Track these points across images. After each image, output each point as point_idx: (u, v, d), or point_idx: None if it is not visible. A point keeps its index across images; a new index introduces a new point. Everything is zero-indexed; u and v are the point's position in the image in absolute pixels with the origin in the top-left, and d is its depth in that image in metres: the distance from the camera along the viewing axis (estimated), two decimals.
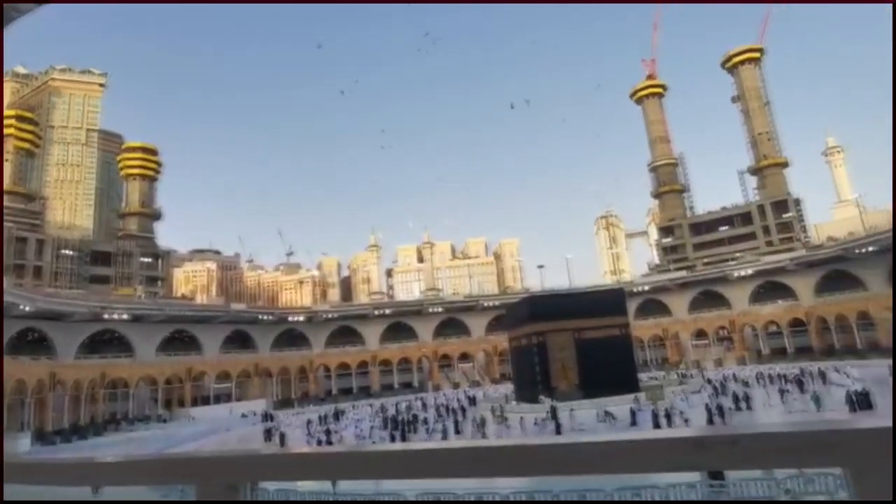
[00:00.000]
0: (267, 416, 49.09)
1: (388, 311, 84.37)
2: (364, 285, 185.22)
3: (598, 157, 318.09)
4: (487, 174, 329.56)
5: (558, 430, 28.45)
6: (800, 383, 37.81)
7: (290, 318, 79.13)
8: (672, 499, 13.03)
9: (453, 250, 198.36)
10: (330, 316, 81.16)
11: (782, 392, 34.04)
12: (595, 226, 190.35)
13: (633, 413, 29.87)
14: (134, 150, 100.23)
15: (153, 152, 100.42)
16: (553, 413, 31.79)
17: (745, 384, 41.14)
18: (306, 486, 15.78)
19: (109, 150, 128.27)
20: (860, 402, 26.50)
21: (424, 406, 48.45)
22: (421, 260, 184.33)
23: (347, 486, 15.13)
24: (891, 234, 60.60)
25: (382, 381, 73.34)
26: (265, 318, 75.69)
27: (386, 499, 14.44)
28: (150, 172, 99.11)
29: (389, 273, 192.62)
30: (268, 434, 37.95)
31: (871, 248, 62.18)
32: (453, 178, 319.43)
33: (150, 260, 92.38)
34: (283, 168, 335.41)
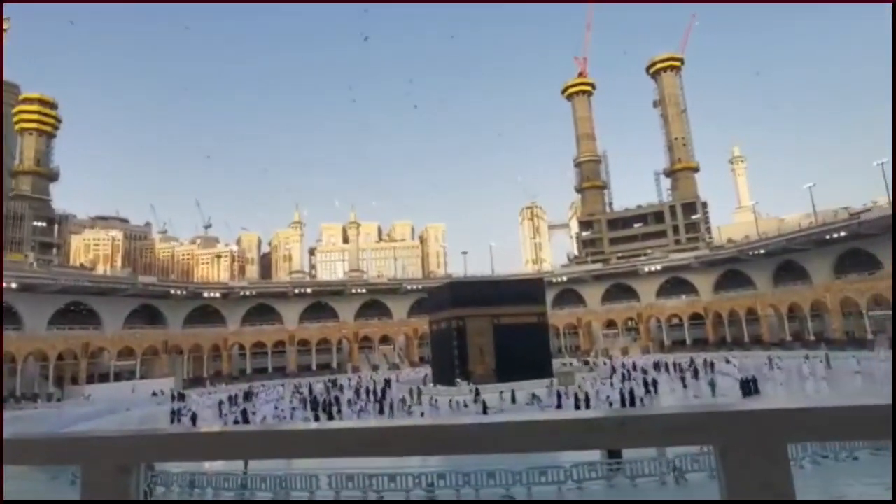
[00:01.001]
0: (177, 396, 46.68)
1: (309, 291, 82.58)
2: (285, 263, 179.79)
3: (527, 150, 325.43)
4: (417, 158, 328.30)
5: (485, 411, 29.34)
6: (695, 371, 41.17)
7: (205, 294, 75.46)
8: (575, 477, 13.86)
9: (380, 232, 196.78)
10: (248, 293, 78.23)
11: (683, 379, 37.04)
12: (520, 216, 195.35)
13: (559, 396, 31.80)
14: (31, 101, 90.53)
15: (52, 105, 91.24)
16: (478, 394, 32.92)
17: (644, 371, 44.12)
18: (215, 468, 15.28)
19: (5, 101, 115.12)
20: (752, 387, 30.31)
21: (341, 387, 48.07)
22: (346, 240, 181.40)
23: (258, 467, 14.81)
24: (777, 239, 66.90)
25: (300, 362, 71.85)
26: (178, 292, 71.69)
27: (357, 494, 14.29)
28: (48, 128, 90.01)
29: (312, 252, 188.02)
30: (175, 415, 35.87)
31: (761, 252, 68.36)
32: (383, 159, 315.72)
33: (44, 224, 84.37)
34: (206, 137, 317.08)
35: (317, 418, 31.06)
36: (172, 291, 71.25)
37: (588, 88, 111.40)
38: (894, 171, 44.33)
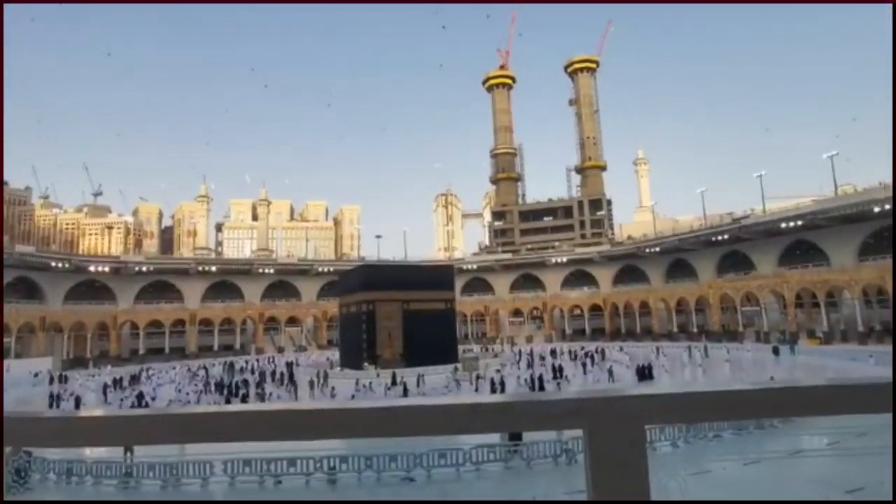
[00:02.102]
0: (57, 378, 42.36)
1: (213, 269, 78.35)
2: (188, 238, 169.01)
3: (446, 138, 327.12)
4: (335, 139, 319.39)
5: (405, 394, 29.54)
6: (592, 358, 43.85)
7: (91, 268, 69.21)
8: (474, 459, 14.32)
9: (292, 211, 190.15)
10: (144, 269, 72.75)
11: (584, 365, 39.47)
12: (435, 203, 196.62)
13: (478, 378, 33.22)
14: None
15: None
16: (395, 378, 33.27)
17: (543, 357, 46.34)
18: (96, 455, 14.20)
19: None
20: (647, 373, 33.31)
21: (241, 370, 46.17)
22: (255, 218, 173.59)
23: (145, 453, 13.94)
24: (671, 239, 72.56)
25: (201, 343, 68.18)
26: (59, 265, 65.20)
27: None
28: None
29: (220, 228, 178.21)
30: (54, 400, 32.31)
31: (656, 249, 73.85)
32: (296, 140, 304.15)
33: None
34: (103, 95, 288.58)
35: (228, 402, 29.45)
36: (53, 264, 64.70)
37: (508, 81, 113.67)
38: (894, 168, 48.89)
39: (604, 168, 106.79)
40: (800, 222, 56.37)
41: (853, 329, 48.46)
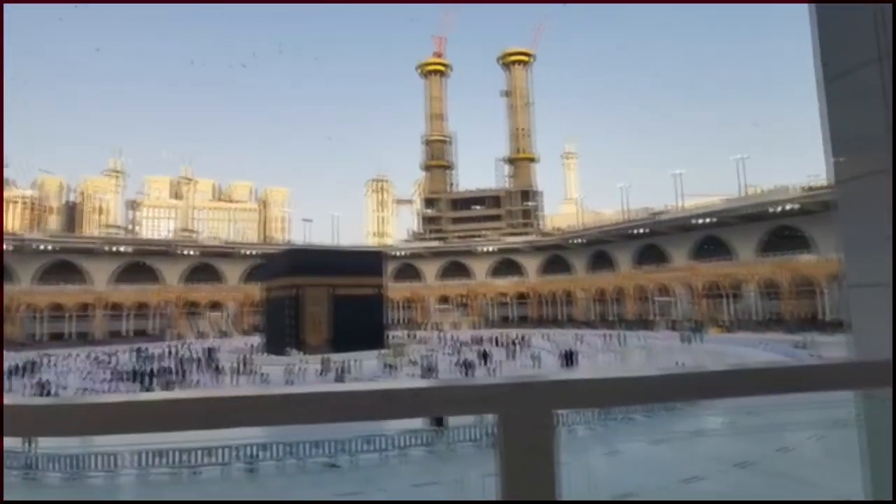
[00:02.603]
0: None
1: (128, 249, 73.31)
2: (97, 216, 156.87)
3: (380, 124, 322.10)
4: (264, 117, 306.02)
5: (341, 379, 29.25)
6: (517, 345, 45.24)
7: None
8: (398, 444, 14.43)
9: (216, 191, 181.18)
10: (47, 247, 66.87)
11: (511, 352, 40.53)
12: (366, 188, 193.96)
13: (411, 363, 33.84)
14: None
15: None
16: (326, 363, 32.80)
17: (462, 344, 47.29)
18: None
19: None
20: (572, 359, 35.19)
21: (153, 356, 43.71)
22: (176, 196, 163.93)
23: (49, 445, 12.98)
24: (594, 231, 75.82)
25: (110, 328, 63.88)
26: None
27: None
28: None
29: (135, 206, 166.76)
30: None
31: (581, 241, 76.93)
32: (222, 116, 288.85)
33: None
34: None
35: (147, 391, 27.56)
36: None
37: (443, 68, 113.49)
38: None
39: (534, 160, 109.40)
40: (710, 219, 60.61)
41: (751, 318, 53.03)
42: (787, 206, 53.17)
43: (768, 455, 12.54)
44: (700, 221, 61.47)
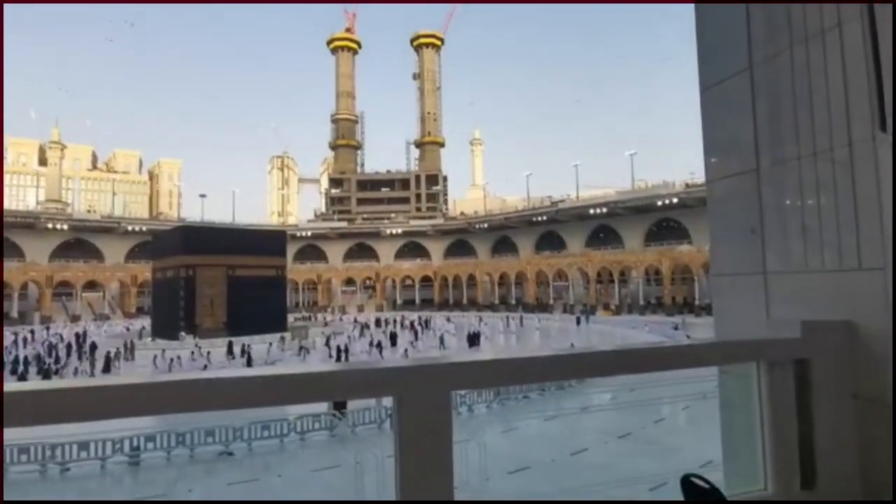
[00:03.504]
0: None
1: None
2: None
3: (286, 98, 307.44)
4: (156, 80, 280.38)
5: (249, 363, 28.00)
6: (422, 327, 45.85)
7: None
8: (298, 429, 14.13)
9: (95, 159, 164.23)
10: None
11: (415, 333, 40.93)
12: (269, 164, 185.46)
13: (328, 346, 32.92)
14: None
15: None
16: (230, 348, 31.52)
17: (367, 326, 47.27)
18: None
19: None
20: (476, 339, 36.70)
21: (20, 341, 39.23)
22: (44, 163, 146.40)
23: None
24: (498, 216, 78.18)
25: None
26: None
27: None
28: None
29: None
30: None
31: (485, 226, 79.06)
32: (107, 73, 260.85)
33: None
34: None
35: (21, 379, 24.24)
36: None
37: (354, 46, 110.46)
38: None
39: (442, 144, 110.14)
40: (604, 209, 64.70)
41: (636, 302, 57.62)
42: (670, 201, 58.06)
43: (646, 426, 13.78)
44: (595, 211, 65.41)
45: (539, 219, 72.10)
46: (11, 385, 0.99)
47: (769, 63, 2.07)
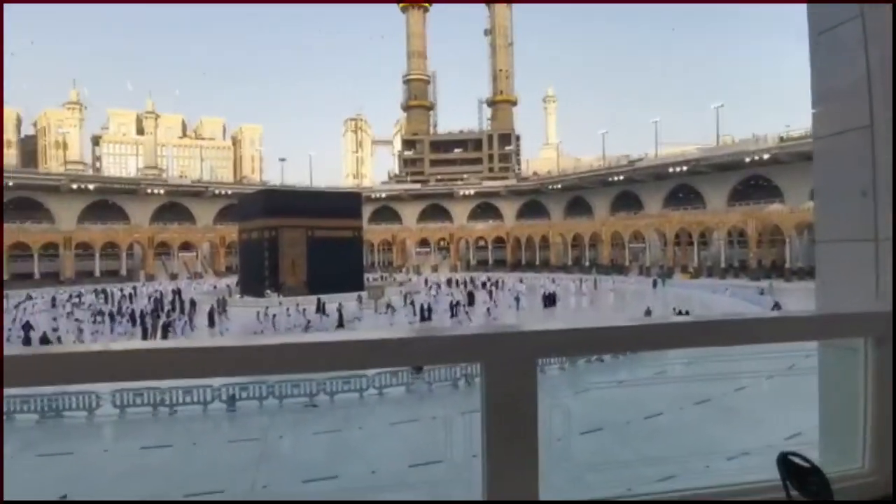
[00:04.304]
0: None
1: (91, 186, 70.87)
2: (58, 151, 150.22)
3: (359, 60, 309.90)
4: (236, 50, 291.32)
5: (342, 322, 28.86)
6: (496, 287, 46.23)
7: None
8: (377, 384, 14.82)
9: (184, 127, 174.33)
10: (6, 183, 64.12)
11: (490, 293, 41.75)
12: (343, 127, 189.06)
13: (412, 304, 34.10)
14: None
15: None
16: (319, 306, 32.61)
17: (442, 286, 47.99)
18: None
19: None
20: (552, 300, 37.01)
21: (127, 296, 43.28)
22: (141, 132, 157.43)
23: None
24: (572, 177, 75.94)
25: (80, 268, 62.64)
26: None
27: None
28: None
29: (96, 141, 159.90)
30: None
31: (559, 186, 77.16)
32: (192, 45, 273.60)
33: None
34: None
35: (145, 336, 26.66)
36: None
37: (425, 3, 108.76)
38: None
39: (514, 103, 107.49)
40: (684, 168, 61.11)
41: (717, 265, 54.71)
42: (760, 157, 53.83)
43: (726, 393, 13.28)
44: (675, 170, 61.98)
45: (615, 178, 69.33)
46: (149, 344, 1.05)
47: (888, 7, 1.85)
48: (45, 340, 23.66)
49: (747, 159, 55.21)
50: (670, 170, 62.37)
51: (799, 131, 49.37)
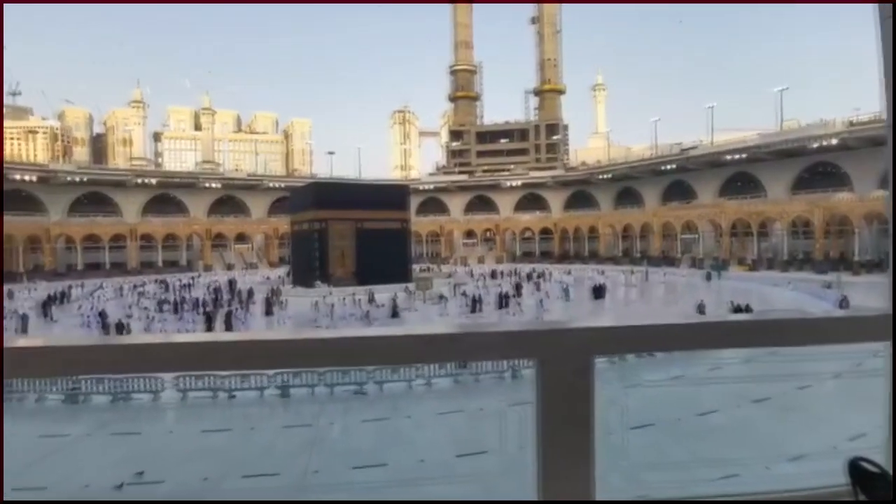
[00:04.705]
0: None
1: (153, 181, 74.51)
2: (123, 147, 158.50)
3: (405, 51, 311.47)
4: (285, 46, 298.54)
5: (395, 313, 29.34)
6: (542, 279, 45.78)
7: (17, 176, 64.40)
8: (425, 375, 15.00)
9: (238, 122, 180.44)
10: (76, 178, 68.35)
11: (537, 285, 41.46)
12: (391, 119, 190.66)
13: (467, 296, 33.96)
14: None
15: None
16: (372, 297, 33.46)
17: (489, 277, 47.77)
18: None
19: None
20: (601, 291, 36.32)
21: (185, 286, 45.27)
22: (198, 128, 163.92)
23: None
24: (622, 166, 73.97)
25: (143, 258, 66.09)
26: None
27: None
28: None
29: (157, 137, 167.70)
30: None
31: (608, 176, 75.33)
32: (243, 44, 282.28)
33: None
34: None
35: (209, 323, 27.10)
36: None
37: None
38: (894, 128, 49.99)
39: (562, 92, 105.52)
40: (743, 155, 58.41)
41: (778, 257, 52.09)
42: (828, 142, 50.75)
43: (787, 392, 12.70)
44: (732, 157, 59.35)
45: (667, 167, 67.06)
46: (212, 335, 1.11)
47: None
48: (120, 327, 25.13)
49: (813, 145, 52.21)
50: (727, 157, 59.78)
51: (868, 115, 46.31)
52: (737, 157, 58.90)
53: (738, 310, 24.89)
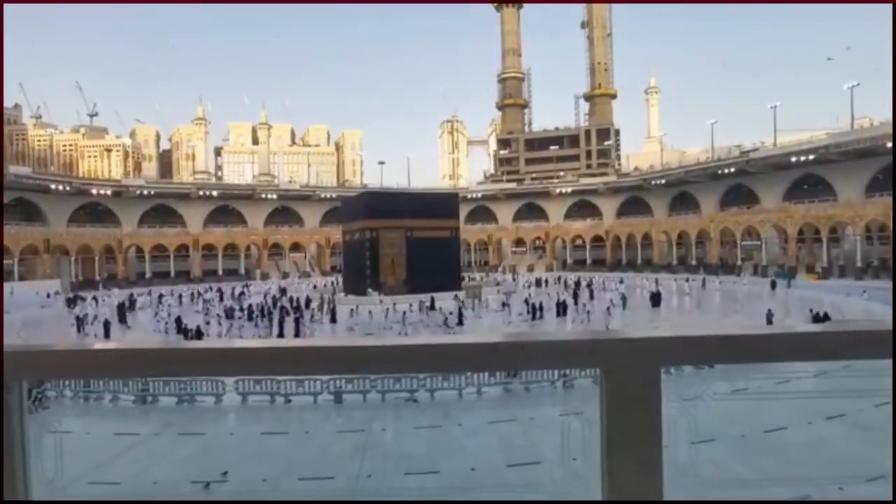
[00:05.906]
0: (73, 300, 42.67)
1: (214, 193, 78.10)
2: (187, 162, 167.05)
3: (452, 61, 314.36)
4: (335, 61, 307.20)
5: (461, 321, 30.04)
6: (595, 288, 44.87)
7: (94, 191, 69.02)
8: (475, 383, 14.96)
9: (293, 135, 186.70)
10: (145, 192, 72.60)
11: (590, 293, 41.00)
12: (440, 129, 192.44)
13: (527, 304, 33.94)
14: None
15: None
16: (433, 304, 34.10)
17: (541, 285, 47.21)
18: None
19: None
20: (658, 299, 35.84)
21: (240, 295, 46.99)
22: (256, 142, 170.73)
23: None
24: (677, 171, 71.64)
25: (205, 267, 69.22)
26: (59, 187, 64.82)
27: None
28: None
29: (218, 152, 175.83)
30: (80, 322, 30.51)
31: (662, 181, 73.07)
32: (299, 57, 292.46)
33: None
34: (93, 12, 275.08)
35: (281, 333, 28.07)
36: (53, 186, 64.19)
37: (519, 0, 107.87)
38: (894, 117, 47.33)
39: (613, 96, 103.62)
40: (810, 156, 55.34)
41: (852, 264, 48.91)
42: None
43: (864, 409, 11.89)
44: (798, 159, 56.34)
45: (725, 171, 64.36)
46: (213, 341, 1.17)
47: None
48: (199, 333, 26.44)
49: (888, 144, 48.89)
50: (793, 159, 56.79)
51: None
52: (803, 158, 55.88)
53: (817, 318, 23.56)
